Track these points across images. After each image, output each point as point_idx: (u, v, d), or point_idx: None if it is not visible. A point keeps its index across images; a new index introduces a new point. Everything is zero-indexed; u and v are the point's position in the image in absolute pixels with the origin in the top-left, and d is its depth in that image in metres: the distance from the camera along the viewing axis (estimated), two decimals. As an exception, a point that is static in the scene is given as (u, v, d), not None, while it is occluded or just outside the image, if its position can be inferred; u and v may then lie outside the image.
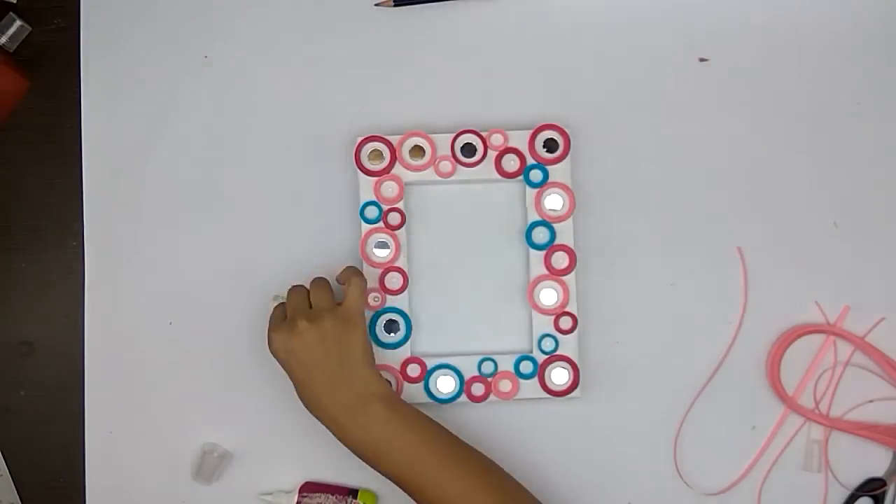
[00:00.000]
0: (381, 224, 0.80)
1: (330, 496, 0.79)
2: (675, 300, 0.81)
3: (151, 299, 0.82)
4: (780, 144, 0.82)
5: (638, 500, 0.81)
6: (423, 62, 0.83)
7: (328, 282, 0.77)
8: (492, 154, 0.81)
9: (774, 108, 0.83)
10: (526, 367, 0.80)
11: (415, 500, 0.72)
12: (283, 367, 0.74)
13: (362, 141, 0.80)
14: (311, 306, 0.75)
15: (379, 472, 0.73)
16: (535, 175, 0.80)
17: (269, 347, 0.74)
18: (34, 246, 0.83)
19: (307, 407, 0.74)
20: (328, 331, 0.73)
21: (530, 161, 0.81)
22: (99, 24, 0.83)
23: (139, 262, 0.82)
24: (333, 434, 0.73)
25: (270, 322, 0.76)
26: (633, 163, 0.82)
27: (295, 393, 0.74)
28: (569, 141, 0.80)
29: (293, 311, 0.75)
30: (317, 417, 0.73)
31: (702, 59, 0.83)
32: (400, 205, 0.80)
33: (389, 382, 0.78)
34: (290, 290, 0.77)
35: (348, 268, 0.78)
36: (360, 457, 0.73)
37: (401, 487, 0.72)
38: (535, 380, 0.80)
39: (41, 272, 0.83)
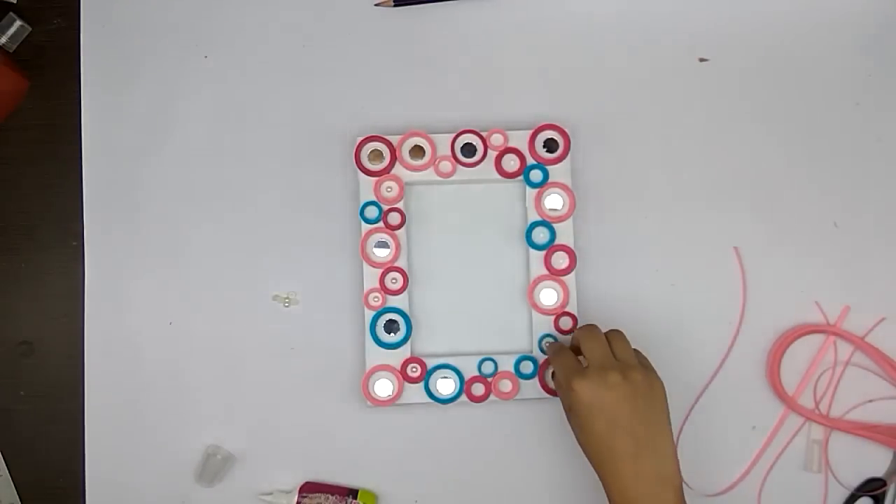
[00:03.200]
0: (381, 224, 0.80)
1: (330, 496, 0.79)
2: (675, 300, 0.81)
3: (151, 299, 0.82)
4: (780, 144, 0.82)
5: (638, 500, 0.81)
6: (423, 62, 0.83)
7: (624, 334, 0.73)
8: (492, 154, 0.81)
9: (774, 108, 0.83)
10: (526, 367, 0.80)
11: None
12: (576, 414, 0.70)
13: (362, 141, 0.80)
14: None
15: None
16: (535, 175, 0.80)
17: (569, 396, 0.70)
18: (34, 246, 0.83)
19: (590, 453, 0.69)
20: (639, 387, 0.69)
21: (530, 161, 0.81)
22: (99, 24, 0.83)
23: (139, 262, 0.82)
24: (601, 479, 0.68)
25: (561, 368, 0.72)
26: (633, 163, 0.82)
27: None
28: (569, 141, 0.80)
29: (600, 360, 0.70)
30: (596, 464, 0.69)
31: (702, 59, 0.83)
32: (400, 205, 0.80)
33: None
34: (586, 334, 0.72)
35: (594, 327, 0.73)
36: None
37: None
38: (535, 380, 0.80)
39: (41, 272, 0.83)
